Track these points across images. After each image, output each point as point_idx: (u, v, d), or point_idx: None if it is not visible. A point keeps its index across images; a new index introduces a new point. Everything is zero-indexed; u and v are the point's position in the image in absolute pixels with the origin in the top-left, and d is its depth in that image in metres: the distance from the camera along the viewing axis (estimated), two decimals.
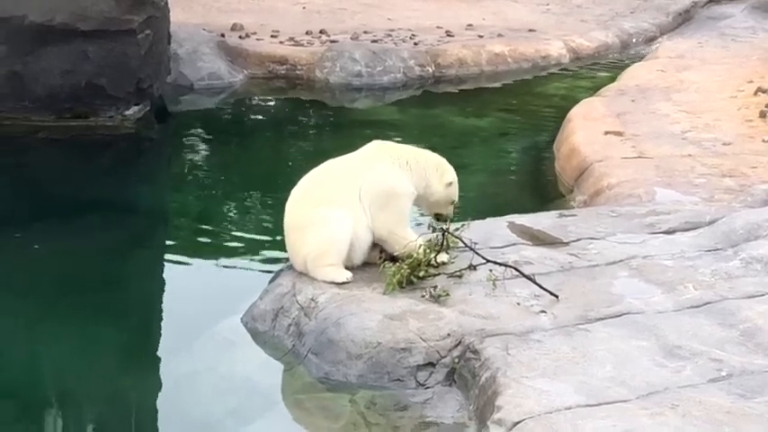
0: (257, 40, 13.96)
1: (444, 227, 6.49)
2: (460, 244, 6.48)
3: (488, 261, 6.33)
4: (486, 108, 12.68)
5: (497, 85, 13.79)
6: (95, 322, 7.05)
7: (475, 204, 9.13)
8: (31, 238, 8.31)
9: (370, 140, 6.68)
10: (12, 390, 6.25)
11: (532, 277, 6.19)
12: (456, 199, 6.68)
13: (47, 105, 10.90)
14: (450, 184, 6.60)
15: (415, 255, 6.27)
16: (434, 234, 6.49)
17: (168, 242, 8.74)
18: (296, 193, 6.54)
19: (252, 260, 8.21)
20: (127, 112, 11.16)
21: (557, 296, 6.08)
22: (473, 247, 6.39)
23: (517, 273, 6.25)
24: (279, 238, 6.79)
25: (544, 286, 6.13)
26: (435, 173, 6.56)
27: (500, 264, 6.31)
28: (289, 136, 11.83)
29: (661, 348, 5.56)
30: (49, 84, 10.86)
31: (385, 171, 6.44)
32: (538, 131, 11.56)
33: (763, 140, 9.58)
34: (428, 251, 6.35)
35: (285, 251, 6.64)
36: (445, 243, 6.50)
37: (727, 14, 16.96)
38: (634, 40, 15.98)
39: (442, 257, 6.43)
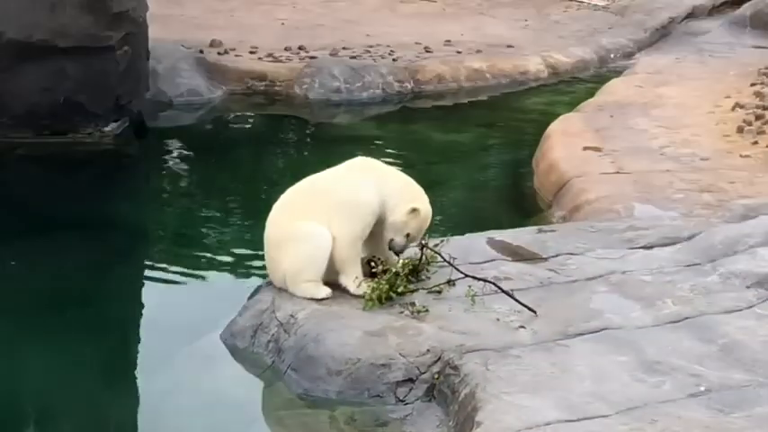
0: (236, 56, 13.92)
1: (423, 242, 6.49)
2: (440, 259, 6.48)
3: (468, 276, 6.33)
4: (465, 124, 12.68)
5: (476, 100, 13.79)
6: (74, 339, 7.02)
7: (454, 220, 9.13)
8: (8, 255, 8.27)
9: (349, 156, 6.65)
10: None
11: (511, 293, 6.20)
12: (414, 234, 6.40)
13: (25, 122, 10.84)
14: (415, 211, 6.31)
15: (394, 270, 6.27)
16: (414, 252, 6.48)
17: (147, 258, 8.70)
18: (276, 209, 6.54)
19: (231, 276, 8.19)
20: (106, 129, 11.13)
21: (536, 312, 6.09)
22: (452, 262, 6.39)
23: (496, 288, 6.26)
24: (258, 253, 6.77)
25: (523, 302, 6.14)
26: (408, 200, 6.35)
27: (479, 279, 6.32)
28: (268, 152, 11.82)
29: (640, 364, 5.58)
30: (28, 101, 10.81)
31: (356, 182, 6.38)
32: (517, 147, 11.56)
33: (741, 155, 9.61)
34: (407, 266, 6.35)
35: (265, 267, 6.63)
36: (424, 258, 6.50)
37: (704, 30, 16.99)
38: (612, 56, 15.99)
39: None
